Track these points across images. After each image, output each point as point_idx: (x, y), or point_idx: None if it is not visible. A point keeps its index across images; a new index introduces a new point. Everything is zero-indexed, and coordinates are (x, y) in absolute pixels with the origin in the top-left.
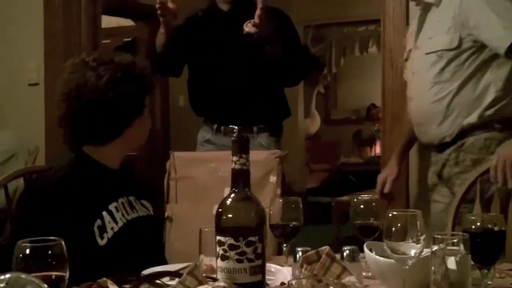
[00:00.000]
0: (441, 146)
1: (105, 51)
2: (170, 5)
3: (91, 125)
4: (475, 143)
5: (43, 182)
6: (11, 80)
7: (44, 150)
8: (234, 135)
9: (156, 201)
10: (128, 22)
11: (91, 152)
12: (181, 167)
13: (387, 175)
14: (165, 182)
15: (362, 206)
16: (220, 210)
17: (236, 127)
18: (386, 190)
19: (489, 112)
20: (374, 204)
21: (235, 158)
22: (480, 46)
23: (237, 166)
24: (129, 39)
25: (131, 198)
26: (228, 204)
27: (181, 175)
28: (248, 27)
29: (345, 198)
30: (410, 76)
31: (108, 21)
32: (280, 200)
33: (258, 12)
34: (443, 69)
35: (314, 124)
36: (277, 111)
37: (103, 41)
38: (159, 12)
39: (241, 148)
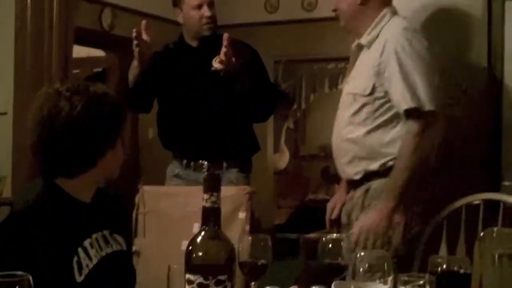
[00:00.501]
0: (353, 183)
1: (79, 81)
2: (145, 37)
3: (63, 155)
4: (377, 189)
5: (17, 214)
6: None
7: (11, 180)
8: (204, 170)
9: (129, 236)
10: (98, 52)
11: (63, 185)
12: (150, 201)
13: (336, 202)
14: (134, 216)
15: (330, 245)
16: (190, 248)
17: (206, 163)
18: (333, 216)
19: (391, 163)
20: (343, 243)
21: (206, 196)
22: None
23: (208, 204)
24: (100, 69)
25: (106, 232)
26: (198, 242)
27: (150, 209)
28: (217, 63)
29: (312, 235)
30: (338, 110)
31: (78, 51)
32: (249, 238)
33: (223, 49)
34: (356, 112)
35: (283, 159)
36: (246, 146)
37: (73, 71)
38: (135, 42)
39: (213, 186)
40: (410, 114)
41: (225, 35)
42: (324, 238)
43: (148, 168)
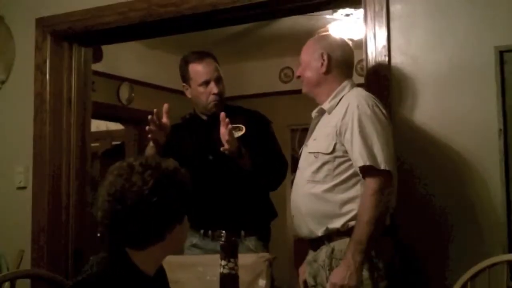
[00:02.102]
0: (314, 243)
1: (152, 157)
2: (165, 120)
3: (133, 228)
4: (343, 249)
5: (87, 283)
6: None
7: (30, 254)
8: (222, 239)
9: None
10: (117, 126)
11: (131, 255)
12: (169, 271)
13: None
14: None
15: None
16: None
17: (224, 232)
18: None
19: (352, 223)
20: None
21: (223, 263)
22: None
23: (226, 271)
24: (118, 143)
25: None
26: None
27: (169, 279)
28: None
29: None
30: (297, 170)
31: (97, 124)
32: None
33: (221, 130)
34: (317, 169)
35: None
36: (263, 213)
37: (92, 144)
38: (147, 129)
39: (230, 252)
40: (367, 172)
41: (221, 116)
42: None
43: None
